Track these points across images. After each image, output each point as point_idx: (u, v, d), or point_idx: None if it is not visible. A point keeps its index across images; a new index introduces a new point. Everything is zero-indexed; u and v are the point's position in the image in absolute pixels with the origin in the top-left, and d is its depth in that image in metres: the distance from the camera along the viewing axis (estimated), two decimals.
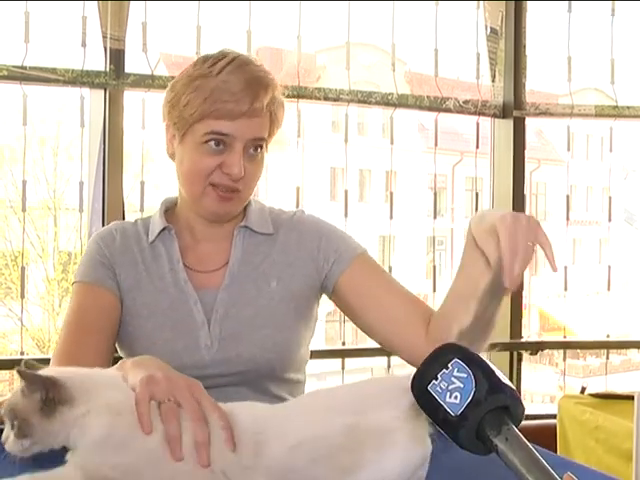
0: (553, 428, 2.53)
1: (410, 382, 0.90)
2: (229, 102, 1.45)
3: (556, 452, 2.39)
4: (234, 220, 1.60)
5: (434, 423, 0.89)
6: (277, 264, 1.58)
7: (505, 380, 0.86)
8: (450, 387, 0.85)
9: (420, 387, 0.88)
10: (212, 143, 1.47)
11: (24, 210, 3.09)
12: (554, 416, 2.59)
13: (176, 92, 1.51)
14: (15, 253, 13.48)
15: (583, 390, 2.68)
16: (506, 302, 3.52)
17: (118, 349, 1.57)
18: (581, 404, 2.48)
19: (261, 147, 1.53)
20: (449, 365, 0.86)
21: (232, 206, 1.55)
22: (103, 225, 2.78)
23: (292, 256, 1.59)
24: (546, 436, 2.36)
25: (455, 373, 0.86)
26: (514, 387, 0.86)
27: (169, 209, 1.65)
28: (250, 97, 1.46)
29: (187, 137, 1.51)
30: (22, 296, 3.30)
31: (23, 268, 3.29)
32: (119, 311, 1.55)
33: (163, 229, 1.59)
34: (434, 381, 0.86)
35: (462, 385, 0.84)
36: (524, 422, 0.86)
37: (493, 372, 0.86)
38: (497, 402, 0.84)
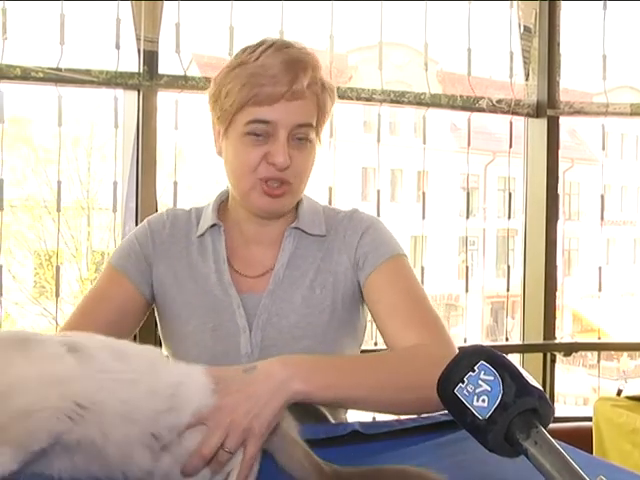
0: (588, 430, 2.50)
1: (436, 384, 0.90)
2: (266, 85, 1.39)
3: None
4: (285, 220, 1.54)
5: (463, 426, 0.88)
6: (322, 271, 1.51)
7: (532, 381, 0.85)
8: (477, 390, 0.84)
9: (447, 390, 0.87)
10: (254, 134, 1.41)
11: (59, 210, 3.12)
12: (588, 418, 2.56)
13: (217, 84, 1.46)
14: (50, 253, 13.66)
15: (619, 392, 2.64)
16: (539, 303, 3.48)
17: (163, 345, 1.56)
18: (617, 406, 2.44)
19: (309, 136, 1.45)
20: (475, 368, 0.85)
21: (283, 202, 1.47)
22: (136, 225, 2.80)
23: (334, 263, 1.52)
24: (581, 439, 2.32)
25: (482, 376, 0.85)
26: (542, 388, 0.85)
27: (223, 203, 1.59)
28: (288, 78, 1.39)
29: (230, 130, 1.45)
30: (57, 295, 3.32)
31: (58, 267, 3.31)
32: (137, 305, 1.52)
33: (213, 225, 1.53)
34: (460, 384, 0.86)
35: (489, 388, 0.84)
36: (559, 424, 0.86)
37: (520, 374, 0.85)
38: (525, 405, 0.83)
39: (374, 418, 2.35)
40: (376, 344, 3.21)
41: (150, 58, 2.82)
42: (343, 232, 1.53)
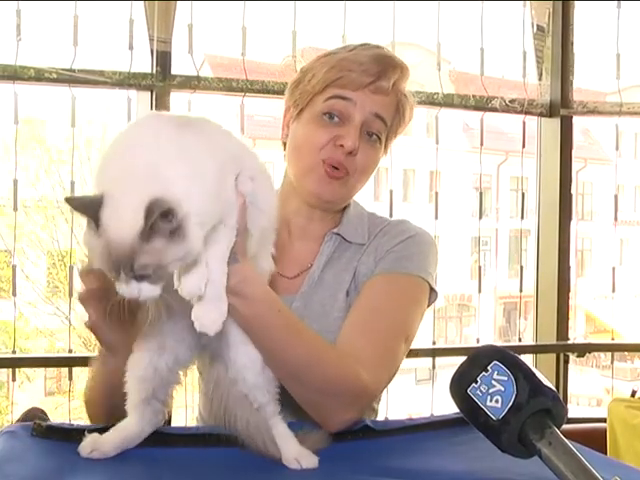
0: (602, 432, 2.48)
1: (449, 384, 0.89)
2: (354, 72, 1.42)
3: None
4: (330, 221, 1.54)
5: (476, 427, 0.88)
6: (357, 275, 1.49)
7: (546, 382, 0.85)
8: (490, 390, 0.84)
9: (459, 390, 0.87)
10: (329, 115, 1.44)
11: (72, 211, 3.13)
12: (602, 419, 2.55)
13: (303, 72, 1.50)
14: (62, 253, 13.68)
15: (634, 394, 2.63)
16: (552, 303, 3.45)
17: None
18: (632, 407, 2.42)
19: (381, 134, 1.47)
20: (489, 368, 0.85)
21: (337, 189, 1.47)
22: None
23: (362, 265, 1.50)
24: (595, 440, 2.31)
25: (495, 376, 0.84)
26: (555, 388, 0.85)
27: None
28: (377, 70, 1.43)
29: (305, 112, 1.47)
30: (70, 295, 3.34)
31: (71, 267, 3.33)
32: None
33: None
34: (474, 384, 0.85)
35: (503, 388, 0.84)
36: (573, 425, 0.86)
37: (533, 374, 0.85)
38: (539, 405, 0.83)
39: (386, 418, 2.35)
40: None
41: (163, 59, 2.82)
42: (382, 236, 1.52)
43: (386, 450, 1.25)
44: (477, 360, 0.87)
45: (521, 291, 3.43)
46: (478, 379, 0.85)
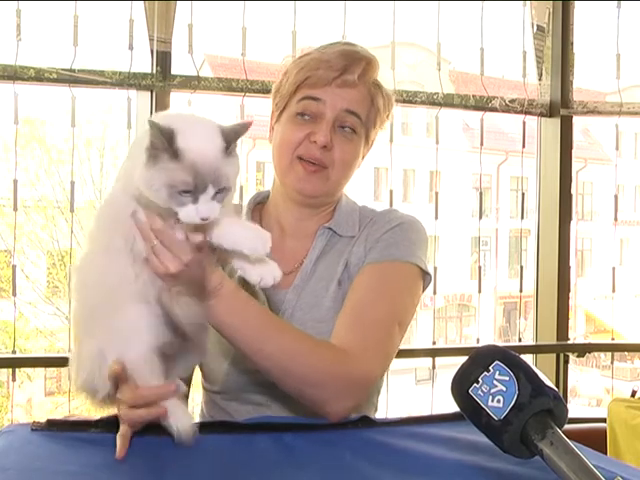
0: (602, 432, 2.48)
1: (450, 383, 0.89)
2: (320, 69, 1.48)
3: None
4: (321, 218, 1.58)
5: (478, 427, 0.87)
6: (349, 265, 1.52)
7: (547, 382, 0.85)
8: (492, 390, 0.84)
9: (461, 390, 0.87)
10: (303, 115, 1.50)
11: (72, 211, 3.13)
12: (602, 419, 2.54)
13: (283, 75, 1.56)
14: (62, 253, 13.69)
15: (634, 394, 2.62)
16: (552, 303, 3.44)
17: None
18: (632, 408, 2.42)
19: (355, 128, 1.51)
20: (490, 368, 0.85)
21: (317, 184, 1.51)
22: None
23: (353, 255, 1.53)
24: (595, 440, 2.31)
25: (497, 376, 0.84)
26: (556, 389, 0.85)
27: (261, 204, 1.65)
28: (341, 65, 1.48)
29: (284, 114, 1.54)
30: (70, 295, 3.33)
31: (71, 267, 3.31)
32: None
33: None
34: (475, 384, 0.85)
35: (504, 388, 0.83)
36: (573, 426, 0.85)
37: (535, 374, 0.85)
38: (541, 405, 0.83)
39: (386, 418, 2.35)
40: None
41: (163, 59, 2.82)
42: (371, 226, 1.55)
43: (386, 438, 1.24)
44: (478, 360, 0.87)
45: (521, 291, 3.43)
46: (480, 379, 0.85)
